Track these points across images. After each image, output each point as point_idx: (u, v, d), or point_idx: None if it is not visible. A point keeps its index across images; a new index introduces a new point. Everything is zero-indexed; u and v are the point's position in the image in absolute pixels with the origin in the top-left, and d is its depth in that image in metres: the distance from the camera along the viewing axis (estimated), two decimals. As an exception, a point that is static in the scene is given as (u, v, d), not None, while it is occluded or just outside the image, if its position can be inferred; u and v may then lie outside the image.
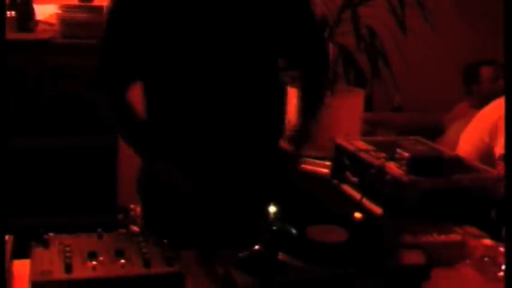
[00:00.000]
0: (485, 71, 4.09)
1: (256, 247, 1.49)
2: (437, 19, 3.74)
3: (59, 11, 3.35)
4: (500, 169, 2.51)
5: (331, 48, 3.31)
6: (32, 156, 3.27)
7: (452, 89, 4.28)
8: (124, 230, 1.72)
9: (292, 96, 3.22)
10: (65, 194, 3.32)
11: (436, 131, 3.95)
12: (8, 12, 3.33)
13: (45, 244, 1.57)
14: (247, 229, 1.58)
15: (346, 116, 3.20)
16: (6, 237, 1.64)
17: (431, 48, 4.42)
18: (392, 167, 2.08)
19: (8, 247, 1.60)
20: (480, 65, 4.09)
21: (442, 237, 1.79)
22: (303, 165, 2.90)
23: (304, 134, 2.15)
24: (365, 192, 2.12)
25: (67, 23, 3.30)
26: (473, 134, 3.23)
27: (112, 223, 3.25)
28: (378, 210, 2.10)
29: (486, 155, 3.05)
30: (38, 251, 1.55)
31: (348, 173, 2.34)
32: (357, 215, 1.72)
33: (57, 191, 3.31)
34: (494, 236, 1.88)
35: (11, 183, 3.25)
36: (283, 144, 2.13)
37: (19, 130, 3.23)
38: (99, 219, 3.20)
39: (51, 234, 1.62)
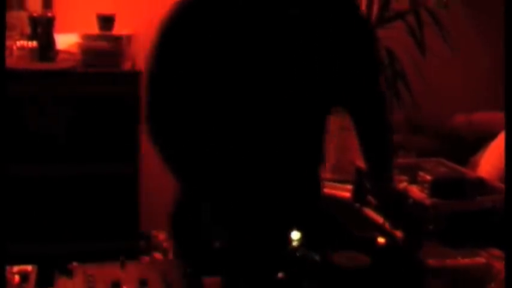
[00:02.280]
0: None
1: (280, 274, 1.48)
2: (456, 39, 3.73)
3: (80, 41, 3.39)
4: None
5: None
6: (55, 184, 3.28)
7: (473, 108, 4.25)
8: (147, 257, 1.72)
9: (330, 125, 3.22)
10: (87, 221, 3.33)
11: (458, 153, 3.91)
12: (30, 42, 3.37)
13: (69, 274, 1.58)
14: (270, 256, 1.58)
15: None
16: (29, 267, 1.65)
17: (450, 69, 4.40)
18: (415, 190, 2.07)
19: (32, 277, 1.61)
20: None
21: (467, 261, 1.77)
22: (325, 190, 2.89)
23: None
24: (387, 216, 2.10)
25: (88, 52, 3.34)
26: (494, 154, 3.20)
27: (134, 249, 3.25)
28: (400, 234, 2.09)
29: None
30: (62, 280, 1.56)
31: (369, 197, 2.33)
32: (380, 239, 1.71)
33: (80, 218, 3.33)
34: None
35: (34, 210, 3.29)
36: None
37: (43, 158, 3.25)
38: (121, 246, 3.22)
39: (74, 263, 1.62)
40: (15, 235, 2.90)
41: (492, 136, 3.45)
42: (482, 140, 3.67)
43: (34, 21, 3.41)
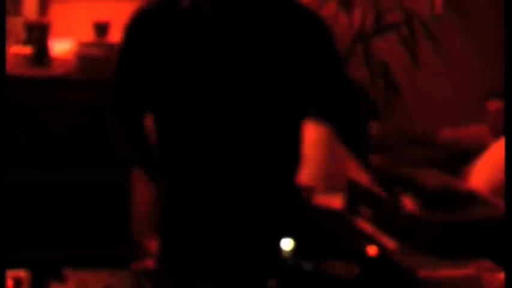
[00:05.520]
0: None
1: (271, 283, 1.49)
2: (449, 50, 3.76)
3: (75, 47, 3.39)
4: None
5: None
6: (48, 190, 3.29)
7: (466, 120, 4.28)
8: (138, 264, 1.73)
9: (308, 130, 3.24)
10: (80, 227, 3.33)
11: (450, 163, 3.93)
12: (24, 48, 3.37)
13: (62, 279, 1.59)
14: (260, 264, 1.59)
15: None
16: (23, 272, 1.66)
17: (443, 80, 4.43)
18: (407, 201, 2.09)
19: (26, 282, 1.62)
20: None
21: (457, 272, 1.79)
22: (316, 200, 2.90)
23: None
24: (379, 227, 2.12)
25: (83, 59, 3.34)
26: (486, 165, 3.21)
27: (126, 256, 3.25)
28: (392, 244, 2.10)
29: (499, 187, 3.03)
30: (55, 286, 1.57)
31: (361, 207, 2.34)
32: (371, 249, 1.73)
33: (73, 224, 3.33)
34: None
35: (28, 217, 3.28)
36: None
37: (36, 164, 3.26)
38: (113, 253, 3.22)
39: (67, 269, 1.63)
40: (9, 241, 2.90)
41: (479, 150, 3.46)
42: (470, 153, 3.68)
43: (29, 27, 3.42)
